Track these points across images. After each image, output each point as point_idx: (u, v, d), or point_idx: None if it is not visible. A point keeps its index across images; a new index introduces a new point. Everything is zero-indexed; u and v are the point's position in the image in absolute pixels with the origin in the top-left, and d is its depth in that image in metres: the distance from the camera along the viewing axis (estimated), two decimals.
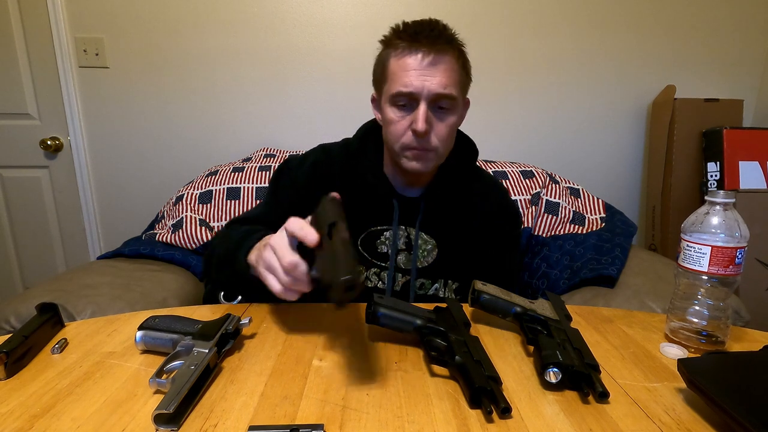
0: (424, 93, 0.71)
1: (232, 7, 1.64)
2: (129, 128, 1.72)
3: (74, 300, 0.96)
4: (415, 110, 0.73)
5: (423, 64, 0.71)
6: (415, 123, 0.72)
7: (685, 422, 0.44)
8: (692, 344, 0.58)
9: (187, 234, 1.30)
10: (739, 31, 1.72)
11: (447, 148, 0.79)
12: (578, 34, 1.70)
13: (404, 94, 0.72)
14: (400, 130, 0.75)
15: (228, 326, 0.56)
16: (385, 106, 0.76)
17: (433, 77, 0.71)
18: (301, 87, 1.72)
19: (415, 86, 0.71)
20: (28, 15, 1.63)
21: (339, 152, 0.87)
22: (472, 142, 0.88)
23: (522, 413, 0.44)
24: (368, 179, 0.83)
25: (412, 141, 0.74)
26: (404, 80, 0.71)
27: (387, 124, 0.77)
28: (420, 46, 0.71)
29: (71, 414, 0.44)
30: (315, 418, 0.43)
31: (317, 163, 0.85)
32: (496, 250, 0.89)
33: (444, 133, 0.75)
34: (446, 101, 0.73)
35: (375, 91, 0.82)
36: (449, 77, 0.72)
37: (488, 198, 0.90)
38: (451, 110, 0.75)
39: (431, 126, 0.73)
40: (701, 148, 1.65)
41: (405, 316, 0.57)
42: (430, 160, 0.77)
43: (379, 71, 0.78)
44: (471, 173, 0.89)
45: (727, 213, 0.56)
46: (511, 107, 1.76)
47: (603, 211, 1.44)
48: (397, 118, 0.75)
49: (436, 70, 0.71)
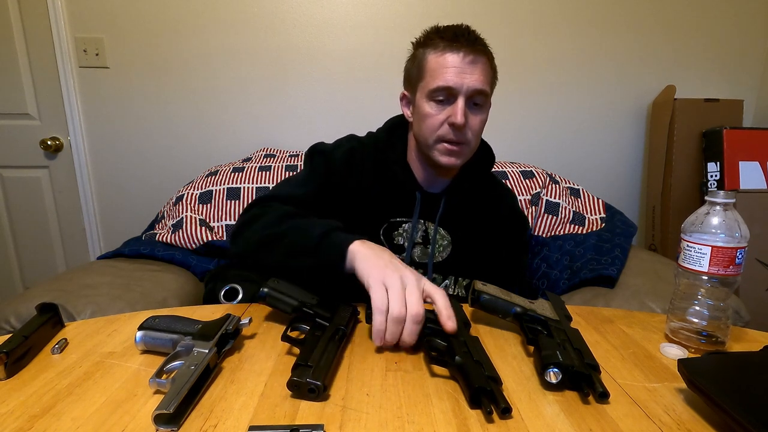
0: (464, 89, 0.76)
1: (232, 7, 1.64)
2: (129, 128, 1.72)
3: (74, 300, 0.96)
4: (452, 104, 0.77)
5: (464, 62, 0.76)
6: (453, 116, 0.76)
7: (686, 422, 0.44)
8: (692, 344, 0.58)
9: (187, 234, 1.30)
10: (740, 32, 1.72)
11: (477, 144, 0.83)
12: (578, 34, 1.70)
13: (444, 88, 0.76)
14: (436, 124, 0.78)
15: (228, 326, 0.56)
16: (420, 102, 0.80)
17: (472, 74, 0.76)
18: (301, 87, 1.72)
19: (455, 81, 0.75)
20: (28, 15, 1.63)
21: (369, 143, 0.90)
22: (490, 147, 0.93)
23: (522, 413, 0.44)
24: (395, 171, 0.86)
25: (448, 133, 0.78)
26: (445, 76, 0.76)
27: (423, 119, 0.80)
28: (460, 46, 0.76)
29: (71, 414, 0.44)
30: (315, 419, 0.43)
31: (353, 150, 0.88)
32: (507, 251, 0.94)
33: (477, 128, 0.80)
34: (481, 98, 0.78)
35: (407, 88, 0.86)
36: (485, 75, 0.78)
37: (502, 202, 0.96)
38: (483, 107, 0.80)
39: (467, 120, 0.77)
40: (701, 148, 1.65)
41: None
42: (463, 154, 0.81)
43: (414, 69, 0.82)
44: (488, 177, 0.95)
45: (727, 213, 0.56)
46: (512, 107, 1.76)
47: (603, 212, 1.44)
48: (434, 112, 0.78)
49: (474, 68, 0.76)
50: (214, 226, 1.35)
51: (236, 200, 1.38)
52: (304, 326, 0.59)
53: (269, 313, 0.68)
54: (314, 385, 0.45)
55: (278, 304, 0.62)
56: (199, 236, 1.30)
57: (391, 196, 0.86)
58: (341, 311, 0.61)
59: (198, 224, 1.33)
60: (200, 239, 1.30)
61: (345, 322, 0.59)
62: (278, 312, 0.64)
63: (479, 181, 0.90)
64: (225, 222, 1.36)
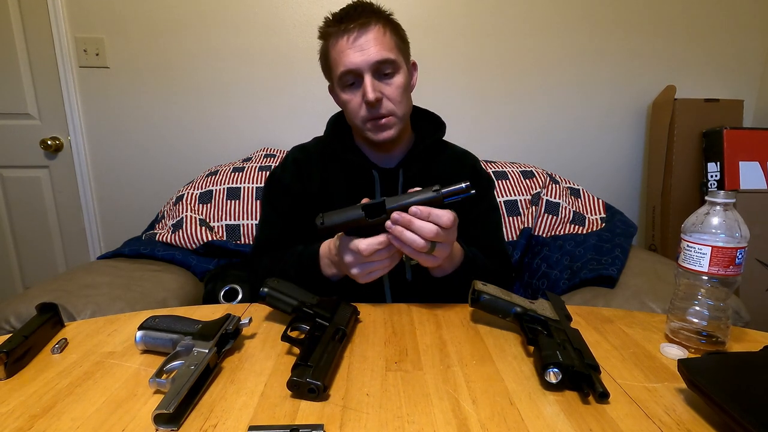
0: (363, 65, 0.76)
1: (232, 7, 1.64)
2: (129, 128, 1.72)
3: (74, 300, 0.96)
4: (362, 84, 0.78)
5: (353, 40, 0.76)
6: (365, 95, 0.77)
7: (686, 422, 0.44)
8: (692, 344, 0.58)
9: (187, 234, 1.30)
10: (739, 32, 1.72)
11: (404, 109, 0.82)
12: (578, 35, 1.70)
13: (346, 73, 0.78)
14: (355, 107, 0.80)
15: (228, 326, 0.56)
16: (338, 92, 0.82)
17: (368, 48, 0.76)
18: (301, 87, 1.72)
19: (353, 62, 0.76)
20: (28, 15, 1.63)
21: (313, 145, 0.94)
22: (438, 117, 0.93)
23: (522, 413, 0.44)
24: (346, 157, 0.87)
25: (367, 113, 0.79)
26: (343, 60, 0.77)
27: (344, 107, 0.83)
28: (346, 25, 0.77)
29: (71, 414, 0.44)
30: (315, 418, 0.43)
31: (297, 160, 0.91)
32: (476, 212, 0.92)
33: (395, 94, 0.79)
34: (387, 66, 0.78)
35: (329, 82, 0.87)
36: (382, 43, 0.77)
37: (463, 164, 0.95)
38: (395, 72, 0.80)
39: (381, 93, 0.78)
40: (701, 149, 1.65)
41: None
42: (394, 124, 0.81)
43: (324, 63, 0.85)
44: (442, 143, 0.94)
45: (728, 213, 0.56)
46: (512, 107, 1.76)
47: (603, 212, 1.44)
48: (350, 97, 0.80)
49: (367, 41, 0.76)
50: (214, 226, 1.35)
51: (236, 200, 1.38)
52: (304, 326, 0.59)
53: (269, 313, 0.68)
54: (314, 385, 0.45)
55: (278, 304, 0.62)
56: (199, 236, 1.30)
57: (351, 183, 0.87)
58: (341, 311, 0.61)
59: (198, 224, 1.33)
60: (200, 239, 1.30)
61: (345, 322, 0.59)
62: (278, 312, 0.64)
63: (434, 148, 0.90)
64: (225, 222, 1.36)
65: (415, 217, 0.62)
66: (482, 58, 1.71)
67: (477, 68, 1.72)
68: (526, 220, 1.38)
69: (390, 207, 0.63)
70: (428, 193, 0.63)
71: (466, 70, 1.71)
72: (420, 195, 0.64)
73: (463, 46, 1.69)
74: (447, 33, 1.68)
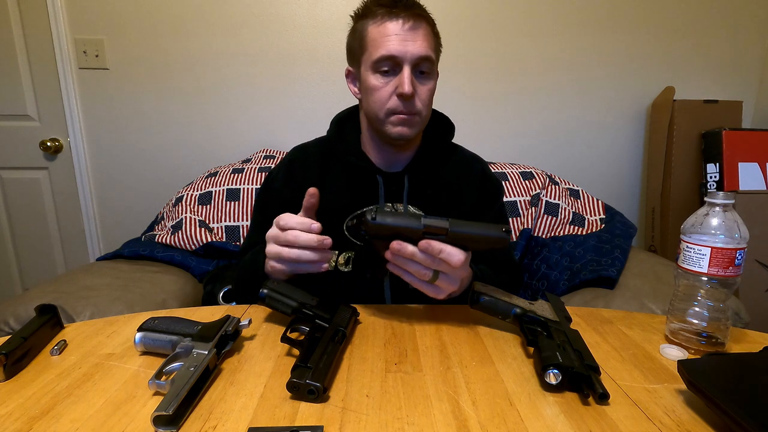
0: (408, 56, 0.73)
1: (232, 8, 1.64)
2: (129, 129, 1.72)
3: (73, 301, 0.96)
4: (398, 75, 0.74)
5: (404, 29, 0.73)
6: (401, 86, 0.73)
7: (686, 423, 0.44)
8: (692, 345, 0.58)
9: (187, 235, 1.30)
10: (738, 33, 1.72)
11: (428, 113, 0.81)
12: (578, 36, 1.71)
13: (387, 57, 0.73)
14: (384, 96, 0.76)
15: (227, 328, 0.56)
16: (366, 75, 0.77)
17: (415, 41, 0.73)
18: (301, 88, 1.72)
19: (398, 50, 0.72)
20: (28, 16, 1.64)
21: (315, 145, 0.90)
22: (447, 118, 0.90)
23: (522, 415, 0.44)
24: (350, 160, 0.84)
25: (398, 105, 0.75)
26: (387, 45, 0.73)
27: (370, 92, 0.77)
28: (399, 11, 0.73)
29: (70, 416, 0.44)
30: (314, 420, 0.43)
31: (292, 162, 0.88)
32: (485, 218, 0.89)
33: (426, 96, 0.77)
34: (427, 65, 0.75)
35: (351, 64, 0.83)
36: (429, 41, 0.75)
37: (470, 169, 0.91)
38: (431, 75, 0.77)
39: (415, 89, 0.75)
40: (700, 150, 1.65)
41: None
42: (416, 124, 0.78)
43: (356, 42, 0.79)
44: (450, 147, 0.90)
45: (727, 214, 0.56)
46: (511, 108, 1.76)
47: (603, 213, 1.44)
48: (381, 84, 0.76)
49: (416, 34, 0.73)
50: (213, 228, 1.35)
51: (236, 201, 1.38)
52: (303, 327, 0.59)
53: (269, 315, 0.68)
54: (314, 386, 0.45)
55: (278, 305, 0.62)
56: (199, 237, 1.30)
57: (352, 186, 0.84)
58: (341, 312, 0.61)
59: (197, 225, 1.33)
60: (200, 240, 1.30)
61: (345, 323, 0.59)
62: (278, 313, 0.64)
63: (442, 151, 0.87)
64: (224, 223, 1.36)
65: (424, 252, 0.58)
66: (482, 59, 1.71)
67: (477, 69, 1.72)
68: (526, 221, 1.38)
69: (453, 230, 0.58)
70: (494, 231, 0.59)
71: (466, 71, 1.72)
72: (486, 230, 0.59)
73: (463, 48, 1.70)
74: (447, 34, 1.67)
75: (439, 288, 0.62)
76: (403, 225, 0.59)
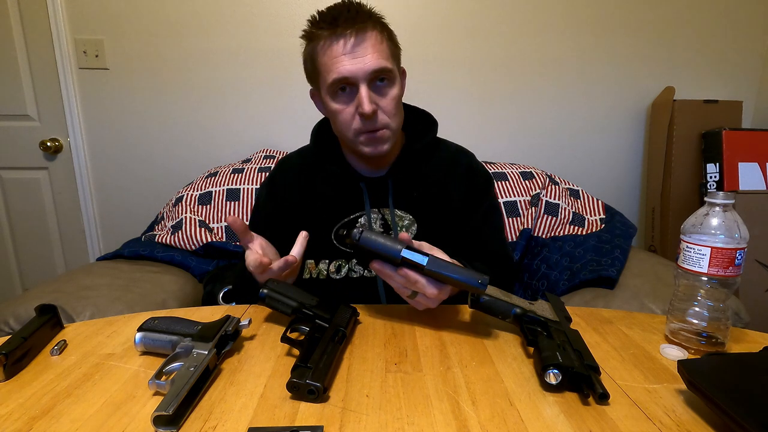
0: (360, 74, 0.71)
1: (232, 8, 1.64)
2: (129, 129, 1.72)
3: (73, 301, 0.96)
4: (356, 94, 0.73)
5: (350, 47, 0.71)
6: (360, 107, 0.72)
7: (686, 423, 0.44)
8: (692, 345, 0.58)
9: (187, 235, 1.30)
10: (738, 33, 1.72)
11: (398, 121, 0.79)
12: (578, 36, 1.70)
13: (340, 80, 0.72)
14: (348, 118, 0.75)
15: (227, 328, 0.56)
16: (326, 99, 0.76)
17: (364, 56, 0.71)
18: (301, 88, 1.69)
19: (349, 70, 0.71)
20: (28, 16, 1.64)
21: (295, 158, 0.91)
22: (428, 113, 0.88)
23: (522, 415, 0.44)
24: (331, 170, 0.84)
25: (361, 125, 0.74)
26: (338, 68, 0.71)
27: (334, 116, 0.77)
28: (342, 30, 0.71)
29: (70, 416, 0.44)
30: (314, 420, 0.43)
31: (273, 178, 0.89)
32: (476, 215, 0.88)
33: (390, 107, 0.75)
34: (384, 74, 0.73)
35: (311, 86, 0.82)
36: (379, 52, 0.72)
37: (456, 163, 0.89)
38: (390, 83, 0.75)
39: (377, 105, 0.74)
40: (700, 150, 1.65)
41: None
42: (387, 139, 0.77)
43: (309, 67, 0.78)
44: (434, 144, 0.88)
45: (727, 214, 0.56)
46: (511, 108, 1.76)
47: (603, 213, 1.44)
48: (341, 107, 0.75)
49: (364, 49, 0.71)
50: (213, 228, 1.35)
51: (236, 201, 1.38)
52: (303, 327, 0.59)
53: (269, 315, 0.68)
54: (314, 386, 0.45)
55: (278, 305, 0.62)
56: (199, 237, 1.30)
57: (336, 195, 0.84)
58: (341, 312, 0.61)
59: (197, 225, 1.33)
60: (200, 240, 1.30)
61: (345, 323, 0.59)
62: (278, 313, 0.64)
63: (424, 151, 0.85)
64: (224, 223, 1.36)
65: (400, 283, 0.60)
66: (481, 59, 1.71)
67: (476, 70, 1.72)
68: (526, 221, 1.38)
69: (430, 269, 0.59)
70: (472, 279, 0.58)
71: (466, 71, 1.71)
72: (464, 276, 0.59)
73: (463, 48, 1.70)
74: (447, 34, 1.68)
75: (419, 303, 0.63)
76: (383, 251, 0.60)
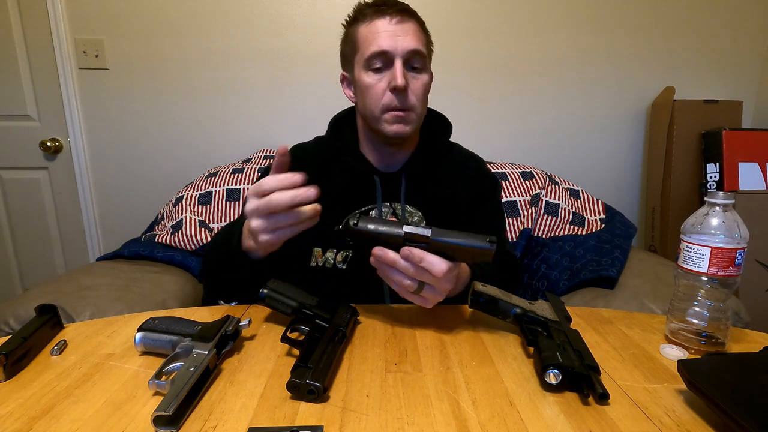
0: (399, 50, 0.74)
1: (232, 8, 1.64)
2: (129, 129, 1.72)
3: (73, 301, 0.96)
4: (390, 69, 0.75)
5: (393, 24, 0.75)
6: (394, 79, 0.74)
7: (686, 423, 0.44)
8: (692, 345, 0.58)
9: (187, 235, 1.30)
10: (738, 33, 1.72)
11: (423, 109, 0.81)
12: (578, 36, 1.71)
13: (379, 53, 0.75)
14: (379, 93, 0.76)
15: (227, 328, 0.56)
16: (360, 75, 0.78)
17: (405, 36, 0.75)
18: (301, 88, 1.72)
19: (389, 44, 0.74)
20: (28, 16, 1.64)
21: (312, 145, 0.91)
22: (444, 117, 0.91)
23: (522, 415, 0.44)
24: (347, 160, 0.85)
25: (392, 101, 0.76)
26: (378, 41, 0.74)
27: (365, 91, 0.78)
28: (387, 9, 0.76)
29: (70, 416, 0.44)
30: (314, 420, 0.43)
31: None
32: (482, 215, 0.90)
33: (420, 91, 0.78)
34: (418, 59, 0.76)
35: (345, 69, 0.85)
36: (419, 37, 0.77)
37: (466, 167, 0.92)
38: (423, 70, 0.78)
39: (408, 83, 0.76)
40: (701, 150, 1.65)
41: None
42: (411, 121, 0.78)
43: (348, 46, 0.81)
44: (447, 146, 0.92)
45: (727, 214, 0.56)
46: (511, 108, 1.76)
47: (603, 213, 1.44)
48: (374, 81, 0.76)
49: (405, 29, 0.75)
50: (213, 228, 1.35)
51: (236, 201, 1.38)
52: (303, 327, 0.59)
53: (269, 315, 0.68)
54: (314, 386, 0.45)
55: (278, 305, 0.62)
56: (199, 238, 1.30)
57: (349, 187, 0.85)
58: (341, 312, 0.61)
59: (197, 225, 1.33)
60: (200, 240, 1.30)
61: (345, 323, 0.59)
62: (278, 313, 0.64)
63: (438, 150, 0.88)
64: (224, 223, 1.36)
65: (406, 260, 0.58)
66: (481, 59, 1.71)
67: (476, 70, 1.72)
68: (526, 221, 1.38)
69: (435, 239, 0.58)
70: (478, 242, 0.57)
71: (466, 71, 1.72)
72: (470, 240, 0.57)
73: (463, 48, 1.70)
74: (447, 34, 1.68)
75: (426, 299, 0.62)
76: (384, 232, 0.59)
